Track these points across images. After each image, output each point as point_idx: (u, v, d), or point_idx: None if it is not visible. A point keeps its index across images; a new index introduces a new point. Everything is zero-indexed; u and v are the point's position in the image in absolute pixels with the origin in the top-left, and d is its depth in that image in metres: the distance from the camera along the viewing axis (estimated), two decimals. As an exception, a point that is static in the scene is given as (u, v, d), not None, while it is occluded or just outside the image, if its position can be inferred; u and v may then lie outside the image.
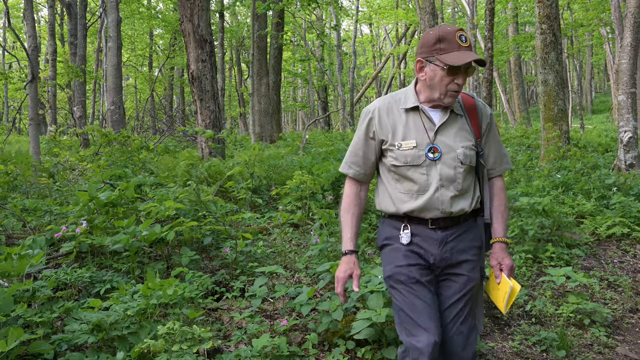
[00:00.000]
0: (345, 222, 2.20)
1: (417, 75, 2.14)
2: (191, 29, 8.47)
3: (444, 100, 2.09)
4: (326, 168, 5.93)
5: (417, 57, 2.12)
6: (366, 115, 2.19)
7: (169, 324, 2.34)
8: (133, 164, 7.89)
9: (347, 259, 2.15)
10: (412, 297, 2.06)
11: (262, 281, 3.40)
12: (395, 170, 2.13)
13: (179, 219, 3.76)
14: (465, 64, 2.00)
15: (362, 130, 2.20)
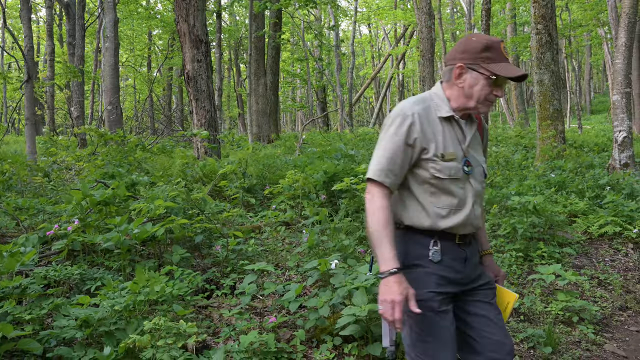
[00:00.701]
0: (385, 238, 1.90)
1: (453, 80, 2.03)
2: (187, 29, 8.51)
3: (479, 109, 2.03)
4: (319, 167, 5.96)
5: (456, 62, 2.01)
6: (404, 119, 1.97)
7: (155, 319, 2.37)
8: (129, 164, 7.92)
9: (398, 279, 1.86)
10: (441, 327, 1.96)
11: (251, 279, 3.43)
12: (436, 183, 1.99)
13: (170, 217, 3.79)
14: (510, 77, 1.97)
15: (400, 135, 1.96)
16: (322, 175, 5.80)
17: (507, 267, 4.81)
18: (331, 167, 5.81)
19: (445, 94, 2.07)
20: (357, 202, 5.24)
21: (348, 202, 5.17)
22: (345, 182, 4.97)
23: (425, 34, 13.75)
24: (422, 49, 13.82)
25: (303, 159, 6.80)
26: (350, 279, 3.09)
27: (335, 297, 3.09)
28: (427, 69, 13.75)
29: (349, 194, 5.21)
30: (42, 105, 22.53)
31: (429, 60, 13.72)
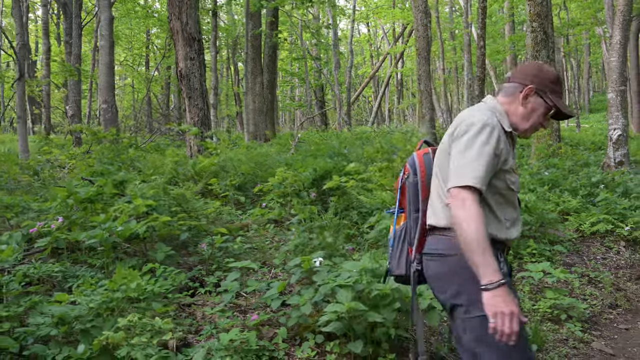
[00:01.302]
0: (488, 247, 1.82)
1: (518, 99, 2.07)
2: (180, 27, 8.48)
3: (527, 133, 2.10)
4: (310, 165, 5.93)
5: (528, 83, 2.06)
6: (493, 129, 1.95)
7: (130, 316, 2.34)
8: (121, 162, 7.90)
9: (507, 289, 1.79)
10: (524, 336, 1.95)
11: (234, 276, 3.40)
12: (506, 194, 2.02)
13: (154, 215, 3.76)
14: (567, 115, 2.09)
15: (491, 145, 1.93)
16: (312, 173, 5.77)
17: (497, 265, 4.78)
18: (322, 165, 5.78)
19: (504, 108, 2.09)
20: (346, 200, 5.21)
21: (337, 200, 5.14)
22: (334, 180, 4.94)
23: (421, 32, 13.70)
24: (419, 47, 13.77)
25: (294, 157, 6.77)
26: (332, 277, 3.06)
27: (318, 294, 3.06)
28: (423, 67, 13.71)
29: (339, 192, 5.18)
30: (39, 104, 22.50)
31: (425, 59, 13.67)
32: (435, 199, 2.08)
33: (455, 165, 1.93)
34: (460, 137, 1.97)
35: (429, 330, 3.56)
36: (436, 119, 29.08)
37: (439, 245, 2.03)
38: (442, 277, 2.02)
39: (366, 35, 49.84)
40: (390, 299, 2.98)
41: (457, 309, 1.98)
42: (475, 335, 1.92)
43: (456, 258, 1.94)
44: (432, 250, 2.05)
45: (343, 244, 4.73)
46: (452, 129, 2.04)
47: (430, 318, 3.02)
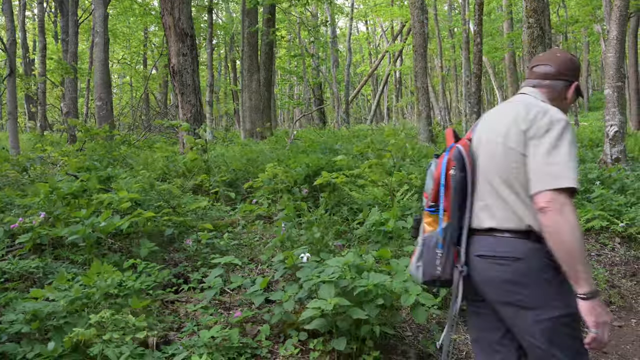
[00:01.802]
0: (585, 255, 1.78)
1: (565, 95, 2.09)
2: (172, 23, 8.40)
3: None
4: (302, 161, 5.86)
5: (569, 79, 2.09)
6: (568, 125, 1.89)
7: (102, 312, 2.27)
8: (113, 159, 7.82)
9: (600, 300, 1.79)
10: None
11: (218, 272, 3.33)
12: None
13: (138, 210, 3.69)
14: None
15: (575, 143, 1.89)
16: (305, 168, 5.70)
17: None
18: (314, 161, 5.71)
19: (552, 104, 2.04)
20: (337, 196, 5.14)
21: (327, 196, 5.07)
22: (324, 176, 4.87)
23: (417, 29, 13.62)
24: (415, 43, 13.70)
25: (286, 153, 6.70)
26: (316, 273, 2.99)
27: (302, 291, 2.99)
28: (420, 64, 13.63)
29: (329, 188, 5.10)
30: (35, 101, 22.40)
31: (421, 55, 13.60)
32: (494, 198, 1.96)
33: (545, 166, 1.82)
34: (542, 135, 1.87)
35: (417, 327, 3.49)
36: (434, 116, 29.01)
37: (508, 248, 1.91)
38: (509, 281, 1.91)
39: (365, 33, 49.75)
40: (374, 295, 2.91)
41: (525, 313, 1.90)
42: (548, 337, 1.87)
43: (526, 261, 1.88)
44: (498, 253, 1.92)
45: (332, 240, 4.67)
46: (525, 126, 1.91)
47: (418, 315, 2.95)
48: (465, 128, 19.03)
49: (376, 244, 4.20)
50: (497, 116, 2.06)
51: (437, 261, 1.98)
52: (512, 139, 1.92)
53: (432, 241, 2.01)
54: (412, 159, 8.24)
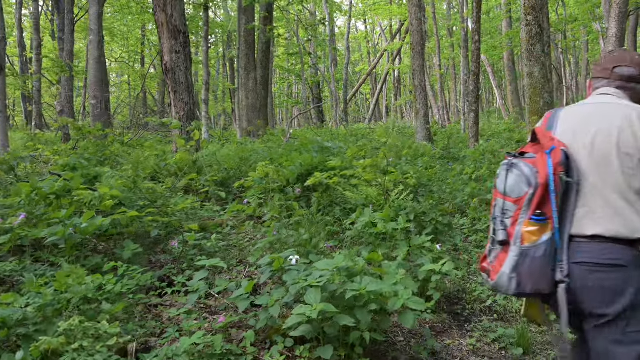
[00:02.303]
0: None
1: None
2: (165, 19, 8.27)
3: None
4: (295, 160, 5.72)
5: None
6: None
7: (71, 319, 2.15)
8: (103, 157, 7.70)
9: None
10: None
11: (202, 275, 3.20)
12: None
13: (121, 209, 3.56)
14: None
15: None
16: (298, 167, 5.57)
17: (485, 263, 4.59)
18: (307, 160, 5.58)
19: None
20: (329, 196, 5.01)
21: (320, 196, 4.95)
22: (316, 176, 4.74)
23: (415, 27, 13.49)
24: (413, 41, 13.57)
25: (279, 152, 6.57)
26: (304, 276, 2.87)
27: (288, 295, 2.87)
28: (417, 62, 13.50)
29: (322, 188, 4.98)
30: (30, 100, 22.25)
31: (419, 53, 13.47)
32: (599, 204, 1.87)
33: None
34: None
35: (409, 332, 3.37)
36: (432, 115, 28.88)
37: (613, 256, 1.84)
38: (611, 288, 1.84)
39: (363, 32, 49.60)
40: (366, 300, 2.78)
41: (626, 320, 1.85)
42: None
43: (630, 270, 1.84)
44: (602, 261, 1.84)
45: (324, 240, 4.54)
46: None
47: (406, 320, 2.83)
48: (463, 127, 18.90)
49: (368, 246, 4.08)
50: (595, 118, 1.96)
51: (543, 272, 1.88)
52: (628, 144, 1.85)
53: (537, 252, 1.87)
54: (407, 158, 8.12)
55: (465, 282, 4.30)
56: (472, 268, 4.54)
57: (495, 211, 2.00)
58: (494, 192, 2.04)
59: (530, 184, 1.87)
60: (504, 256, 1.93)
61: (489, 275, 1.99)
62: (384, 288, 2.84)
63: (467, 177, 7.03)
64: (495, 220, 1.99)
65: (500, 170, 2.00)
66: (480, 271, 2.09)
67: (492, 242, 2.00)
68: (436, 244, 4.15)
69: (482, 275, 2.08)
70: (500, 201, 1.97)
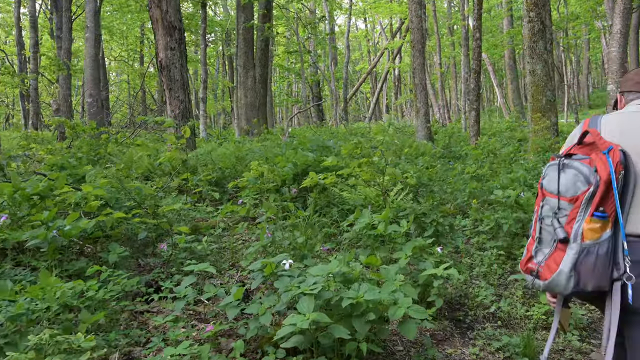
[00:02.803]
0: None
1: None
2: (159, 15, 8.09)
3: None
4: (291, 159, 5.55)
5: None
6: None
7: (43, 332, 1.98)
8: (96, 156, 7.53)
9: None
10: None
11: (190, 281, 3.03)
12: None
13: (106, 210, 3.39)
14: None
15: None
16: (292, 167, 5.40)
17: (488, 266, 4.41)
18: (303, 159, 5.41)
19: None
20: (326, 196, 4.84)
21: (316, 197, 4.77)
22: (312, 176, 4.56)
23: (415, 24, 13.31)
24: (413, 39, 13.40)
25: (275, 151, 6.39)
26: (296, 283, 2.70)
27: (280, 303, 2.70)
28: (418, 60, 13.33)
29: (318, 188, 4.80)
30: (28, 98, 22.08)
31: (419, 51, 13.29)
32: None
33: None
34: None
35: (408, 341, 3.20)
36: (433, 114, 28.69)
37: None
38: None
39: (364, 30, 49.41)
40: (364, 309, 2.61)
41: None
42: None
43: None
44: None
45: (321, 243, 4.37)
46: None
47: (407, 331, 2.66)
48: (464, 126, 18.72)
49: (366, 249, 3.90)
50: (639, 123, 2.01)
51: (606, 270, 1.86)
52: None
53: (601, 249, 1.86)
54: (407, 157, 7.94)
55: (467, 286, 4.12)
56: (474, 272, 4.36)
57: (543, 211, 2.00)
58: (541, 192, 2.04)
59: (590, 182, 1.88)
60: (560, 254, 1.91)
61: (538, 276, 1.97)
62: (382, 296, 2.67)
63: (468, 177, 6.85)
64: (543, 220, 1.99)
65: (549, 171, 2.01)
66: (524, 273, 2.06)
67: (538, 242, 2.00)
68: (437, 246, 3.98)
69: (525, 277, 2.05)
70: (552, 200, 1.97)
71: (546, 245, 1.96)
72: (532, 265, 2.00)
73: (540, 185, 2.03)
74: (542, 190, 2.02)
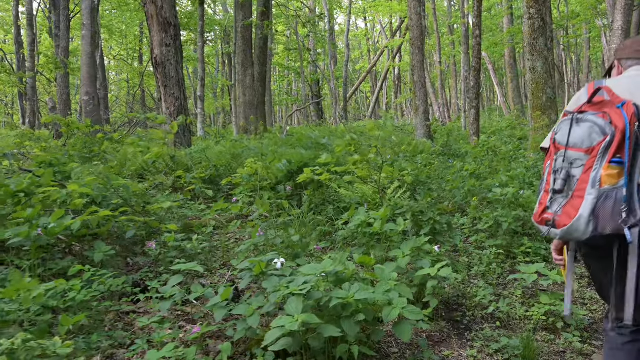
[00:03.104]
0: None
1: None
2: (154, 11, 7.99)
3: None
4: (286, 156, 5.44)
5: None
6: None
7: (15, 337, 1.87)
8: (92, 154, 7.42)
9: None
10: None
11: (177, 280, 2.92)
12: None
13: (92, 207, 3.28)
14: None
15: None
16: (287, 164, 5.29)
17: (487, 265, 4.30)
18: (298, 156, 5.30)
19: None
20: (321, 193, 4.73)
21: (311, 194, 4.66)
22: (306, 173, 4.45)
23: (415, 21, 13.20)
24: (412, 36, 13.27)
25: (270, 148, 6.28)
26: (285, 283, 2.59)
27: (268, 304, 2.59)
28: (417, 58, 13.21)
29: (313, 185, 4.69)
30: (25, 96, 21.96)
31: (418, 49, 13.17)
32: None
33: None
34: None
35: (403, 343, 3.09)
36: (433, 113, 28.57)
37: None
38: None
39: (364, 29, 49.27)
40: (353, 309, 2.51)
41: None
42: None
43: None
44: None
45: (316, 241, 4.26)
46: None
47: (402, 333, 2.55)
48: (464, 124, 18.59)
49: (361, 247, 3.79)
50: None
51: (623, 214, 1.95)
52: None
53: (619, 193, 1.97)
54: (405, 155, 7.83)
55: (465, 286, 4.01)
56: (472, 271, 4.25)
57: (556, 164, 2.08)
58: (553, 146, 2.13)
59: (605, 133, 1.98)
60: (577, 202, 2.00)
61: (554, 225, 2.05)
62: (376, 296, 2.56)
63: (466, 175, 6.74)
64: (557, 172, 2.07)
65: (562, 126, 2.11)
66: (539, 224, 2.14)
67: (552, 192, 2.08)
68: (434, 245, 3.87)
69: (540, 229, 2.15)
70: (568, 153, 2.05)
71: (561, 195, 2.05)
72: (547, 216, 2.08)
73: (553, 140, 2.13)
74: (555, 144, 2.11)
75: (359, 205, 4.72)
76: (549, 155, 2.16)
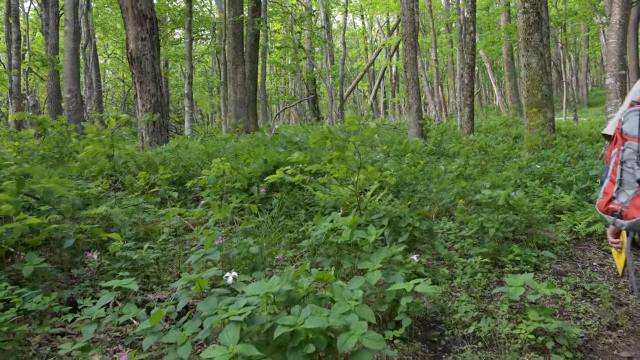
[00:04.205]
0: None
1: None
2: (129, 3, 7.60)
3: None
4: (260, 156, 5.05)
5: None
6: None
7: None
8: (61, 154, 7.05)
9: None
10: None
11: (107, 299, 2.54)
12: None
13: (20, 214, 2.90)
14: None
15: None
16: (262, 165, 4.90)
17: (471, 275, 3.92)
18: (272, 156, 4.91)
19: None
20: (293, 195, 4.34)
21: (281, 197, 4.28)
22: (278, 173, 4.07)
23: (407, 17, 12.81)
24: (405, 32, 12.89)
25: (245, 147, 5.90)
26: (224, 305, 2.21)
27: (203, 331, 2.21)
28: (409, 54, 12.83)
29: (284, 187, 4.31)
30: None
31: (411, 45, 12.79)
32: None
33: None
34: None
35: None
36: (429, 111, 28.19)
37: None
38: None
39: (361, 28, 48.90)
40: (302, 339, 2.13)
41: None
42: None
43: None
44: None
45: (286, 250, 3.88)
46: None
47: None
48: (460, 123, 18.21)
49: (329, 258, 3.41)
50: None
51: None
52: None
53: None
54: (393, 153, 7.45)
55: (446, 299, 3.63)
56: (454, 282, 3.87)
57: (624, 155, 2.08)
58: (621, 137, 2.10)
59: None
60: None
61: (621, 216, 2.08)
62: (331, 321, 2.18)
63: (453, 175, 6.36)
64: (624, 163, 2.07)
65: (629, 116, 2.09)
66: (604, 214, 2.16)
67: (620, 184, 2.09)
68: (413, 254, 3.49)
69: (605, 218, 2.17)
70: (634, 144, 2.05)
71: (629, 187, 2.06)
72: (614, 206, 2.11)
73: (620, 130, 2.11)
74: (623, 135, 2.09)
75: (333, 209, 4.34)
76: (613, 143, 2.14)
